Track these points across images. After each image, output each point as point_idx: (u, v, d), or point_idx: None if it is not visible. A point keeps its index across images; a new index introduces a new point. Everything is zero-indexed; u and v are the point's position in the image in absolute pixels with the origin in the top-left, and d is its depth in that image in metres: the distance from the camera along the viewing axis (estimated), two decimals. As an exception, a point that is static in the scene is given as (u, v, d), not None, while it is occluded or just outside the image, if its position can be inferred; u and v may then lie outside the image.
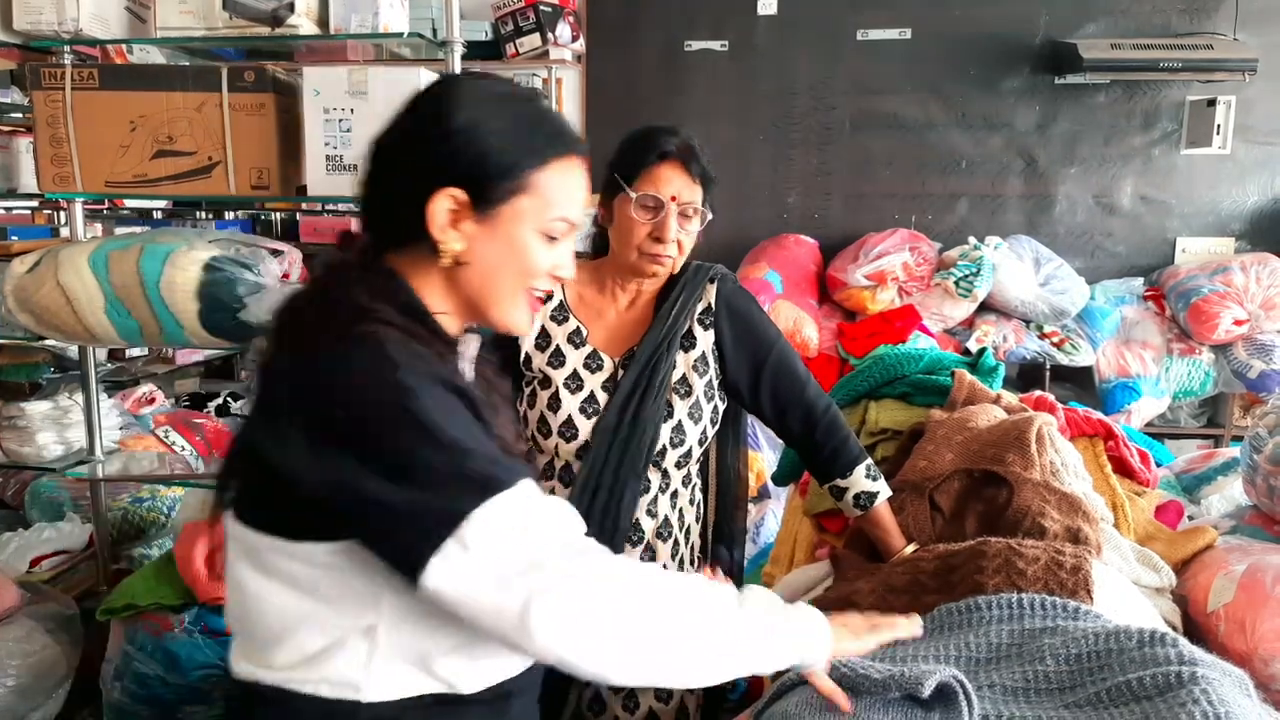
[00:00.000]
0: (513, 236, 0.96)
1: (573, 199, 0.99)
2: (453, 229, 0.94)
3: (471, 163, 0.94)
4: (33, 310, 2.18)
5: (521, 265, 0.97)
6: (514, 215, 0.95)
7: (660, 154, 1.49)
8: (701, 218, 1.53)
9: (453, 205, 0.93)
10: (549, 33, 3.88)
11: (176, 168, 2.17)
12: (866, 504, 1.51)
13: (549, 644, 0.83)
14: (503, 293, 0.98)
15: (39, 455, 2.56)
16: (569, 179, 0.99)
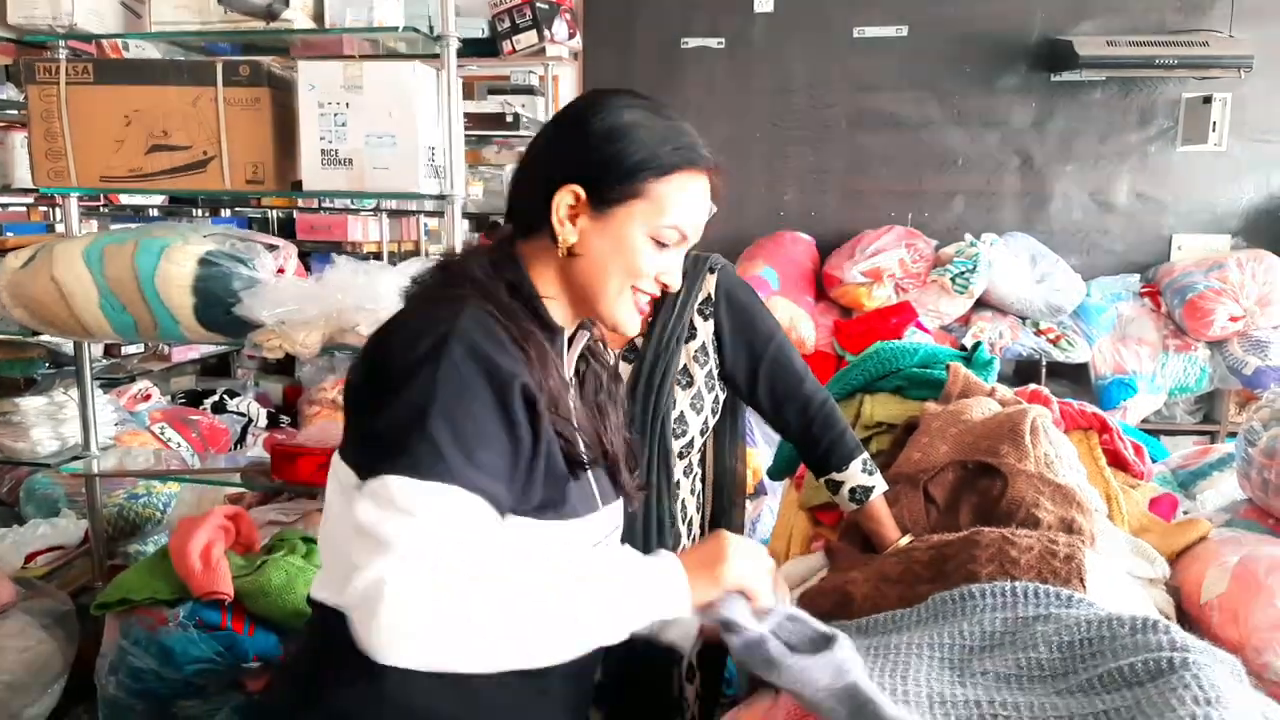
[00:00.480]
0: (622, 236, 1.03)
1: (688, 210, 1.06)
2: (570, 222, 1.04)
3: (596, 164, 1.03)
4: (27, 305, 2.18)
5: (627, 263, 1.04)
6: (628, 216, 1.03)
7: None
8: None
9: (572, 200, 1.03)
10: (545, 30, 3.87)
11: (171, 162, 2.17)
12: (862, 498, 1.51)
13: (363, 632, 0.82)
14: (609, 288, 1.05)
15: (33, 451, 2.56)
16: (688, 191, 1.06)
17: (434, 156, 2.13)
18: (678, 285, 1.10)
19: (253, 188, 2.16)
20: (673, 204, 1.05)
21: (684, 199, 1.06)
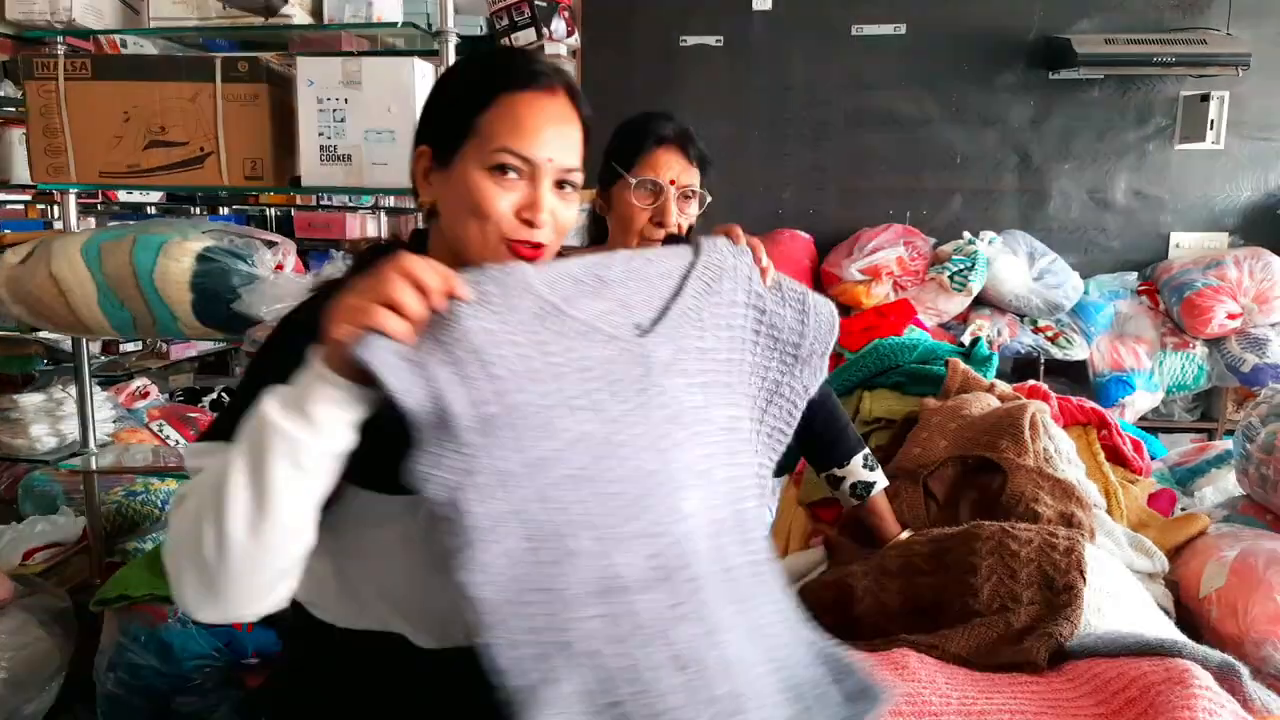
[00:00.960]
0: (461, 179, 0.96)
1: (515, 130, 0.96)
2: (425, 182, 1.01)
3: (433, 117, 1.01)
4: (25, 301, 2.18)
5: (472, 205, 0.95)
6: (463, 159, 0.97)
7: (657, 139, 1.52)
8: (700, 200, 1.54)
9: (426, 162, 1.00)
10: (544, 27, 3.86)
11: (170, 158, 2.17)
12: (863, 494, 1.51)
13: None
14: (469, 237, 0.97)
15: (32, 448, 2.56)
16: (515, 110, 0.96)
17: (433, 153, 2.13)
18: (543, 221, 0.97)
19: (251, 183, 2.16)
20: (498, 129, 0.95)
21: (510, 121, 0.96)
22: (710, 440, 0.98)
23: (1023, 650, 1.03)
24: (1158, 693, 0.89)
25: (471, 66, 1.03)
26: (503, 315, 0.86)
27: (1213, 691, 0.88)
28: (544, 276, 0.90)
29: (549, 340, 0.88)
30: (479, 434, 0.83)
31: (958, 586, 1.15)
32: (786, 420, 1.09)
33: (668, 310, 0.97)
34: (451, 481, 0.82)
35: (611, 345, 0.92)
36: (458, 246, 0.98)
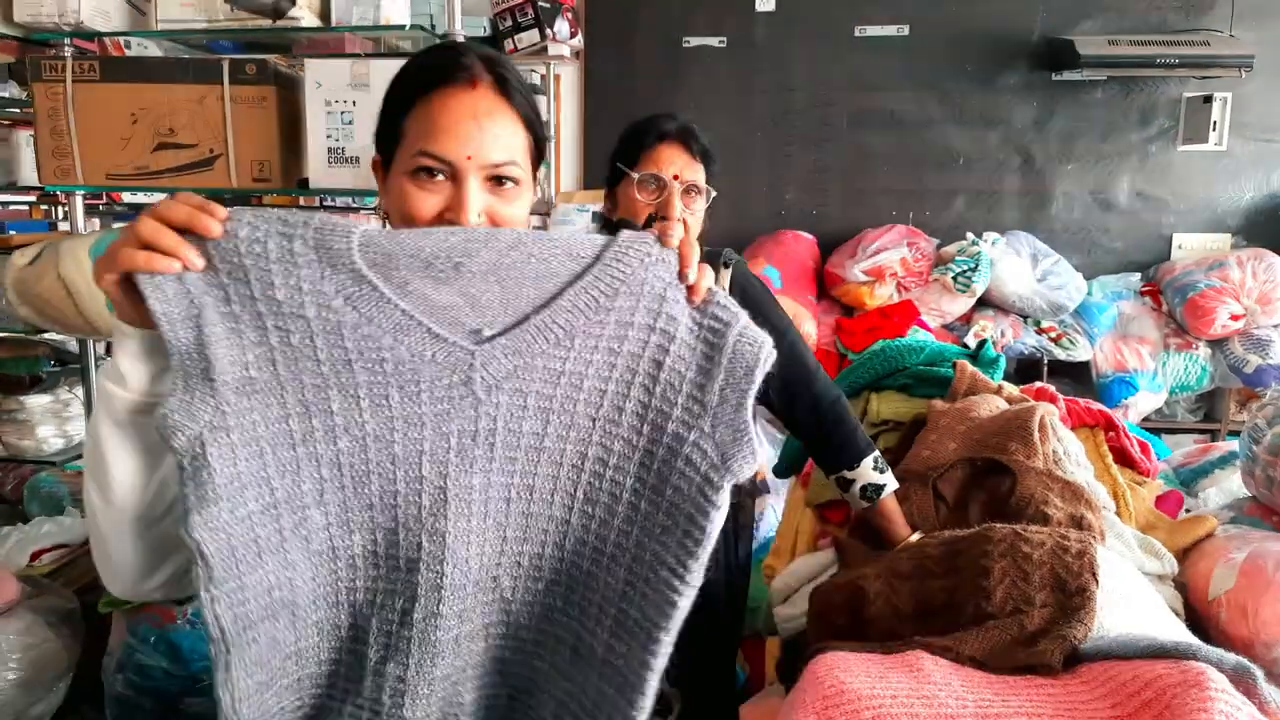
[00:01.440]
0: (393, 186, 0.97)
1: (433, 131, 0.93)
2: (381, 190, 1.02)
3: (378, 127, 1.01)
4: (33, 303, 2.18)
5: (401, 212, 0.96)
6: (395, 166, 0.97)
7: (659, 135, 1.54)
8: (706, 195, 1.55)
9: (378, 171, 1.02)
10: (548, 28, 3.88)
11: (178, 160, 2.17)
12: (874, 496, 1.51)
13: None
14: None
15: (39, 449, 2.56)
16: (431, 112, 0.94)
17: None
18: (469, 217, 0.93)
19: (259, 185, 2.16)
20: (416, 132, 0.94)
21: (427, 122, 0.93)
22: (532, 473, 0.89)
23: (1037, 653, 1.03)
24: (1174, 695, 0.89)
25: (403, 73, 1.00)
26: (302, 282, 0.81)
27: (1229, 694, 0.88)
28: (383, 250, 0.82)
29: (349, 323, 0.82)
30: (236, 393, 0.81)
31: (970, 589, 1.15)
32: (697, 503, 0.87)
33: (527, 319, 0.85)
34: (201, 435, 0.80)
35: (431, 344, 0.84)
36: None
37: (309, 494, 0.86)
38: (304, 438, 0.85)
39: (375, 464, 0.87)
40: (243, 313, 0.81)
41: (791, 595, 1.55)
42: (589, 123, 4.34)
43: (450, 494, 0.88)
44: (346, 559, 0.89)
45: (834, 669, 1.01)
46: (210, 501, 0.80)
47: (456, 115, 0.93)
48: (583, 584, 0.92)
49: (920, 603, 1.20)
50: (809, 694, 0.99)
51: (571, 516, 0.91)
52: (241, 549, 0.83)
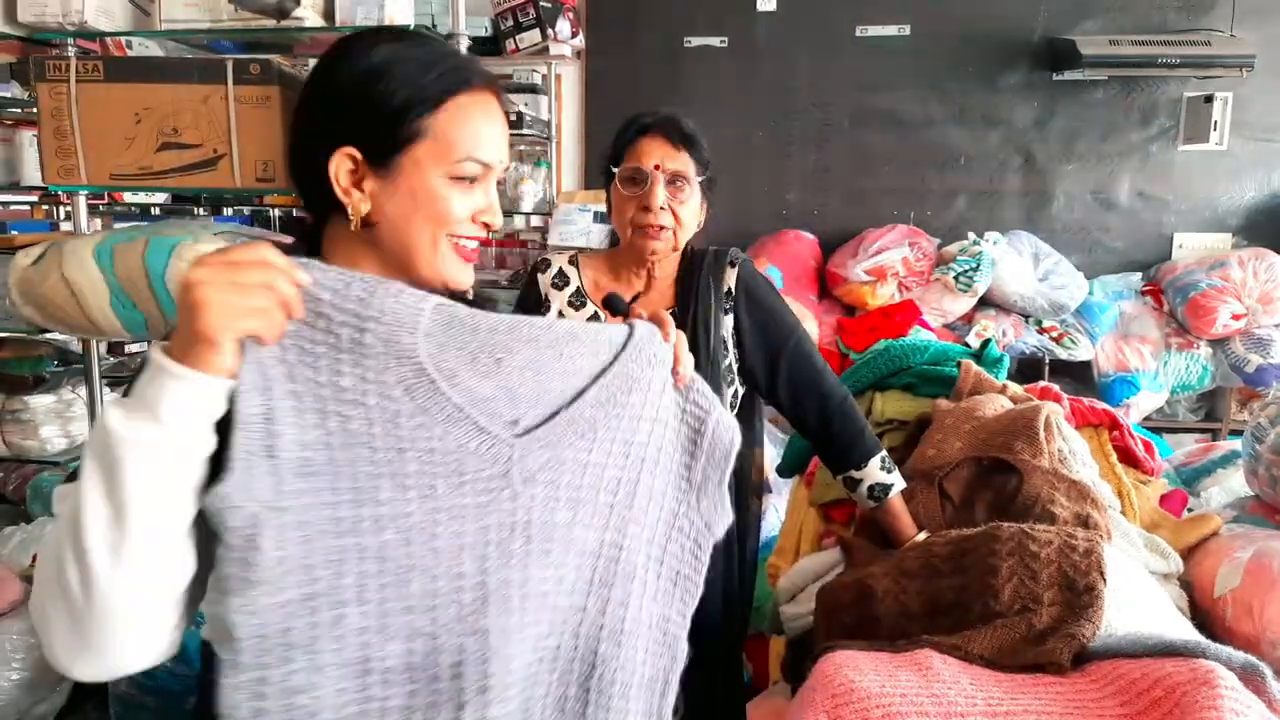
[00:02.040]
0: (417, 187, 0.92)
1: (479, 137, 0.93)
2: (356, 189, 0.92)
3: (360, 117, 0.91)
4: (37, 303, 2.18)
5: (431, 214, 0.92)
6: (414, 164, 0.91)
7: (639, 129, 1.52)
8: (702, 188, 1.53)
9: (351, 165, 0.91)
10: (549, 28, 3.88)
11: (181, 160, 2.17)
12: (881, 496, 1.51)
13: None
14: (420, 246, 0.93)
15: (42, 449, 2.56)
16: (471, 116, 0.93)
17: (443, 154, 2.13)
18: (499, 222, 0.98)
19: (263, 185, 2.16)
20: (459, 136, 0.92)
21: (469, 127, 0.93)
22: (563, 563, 0.92)
23: (1046, 651, 1.03)
24: (1183, 693, 0.89)
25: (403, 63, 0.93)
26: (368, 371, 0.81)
27: (1238, 692, 0.89)
28: (439, 342, 0.84)
29: (405, 412, 0.83)
30: (295, 475, 0.79)
31: (978, 588, 1.15)
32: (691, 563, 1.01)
33: (558, 413, 0.90)
34: (257, 515, 0.77)
35: (477, 437, 0.86)
36: (402, 257, 0.94)
37: (349, 589, 0.83)
38: (352, 527, 0.82)
39: (418, 558, 0.85)
40: (306, 393, 0.80)
41: (797, 594, 1.56)
42: (590, 123, 4.34)
43: (490, 589, 0.87)
44: (380, 673, 0.85)
45: (843, 667, 1.02)
46: (254, 584, 0.78)
47: (494, 121, 0.96)
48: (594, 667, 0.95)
49: (928, 601, 1.21)
50: (818, 692, 1.00)
51: (588, 602, 0.95)
52: (272, 638, 0.80)
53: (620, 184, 1.51)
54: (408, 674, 0.86)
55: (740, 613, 1.71)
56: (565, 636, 0.93)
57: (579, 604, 0.94)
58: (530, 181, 3.82)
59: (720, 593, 1.58)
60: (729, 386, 1.57)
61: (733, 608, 1.63)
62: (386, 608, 0.84)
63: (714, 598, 1.56)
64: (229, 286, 0.74)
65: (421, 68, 0.93)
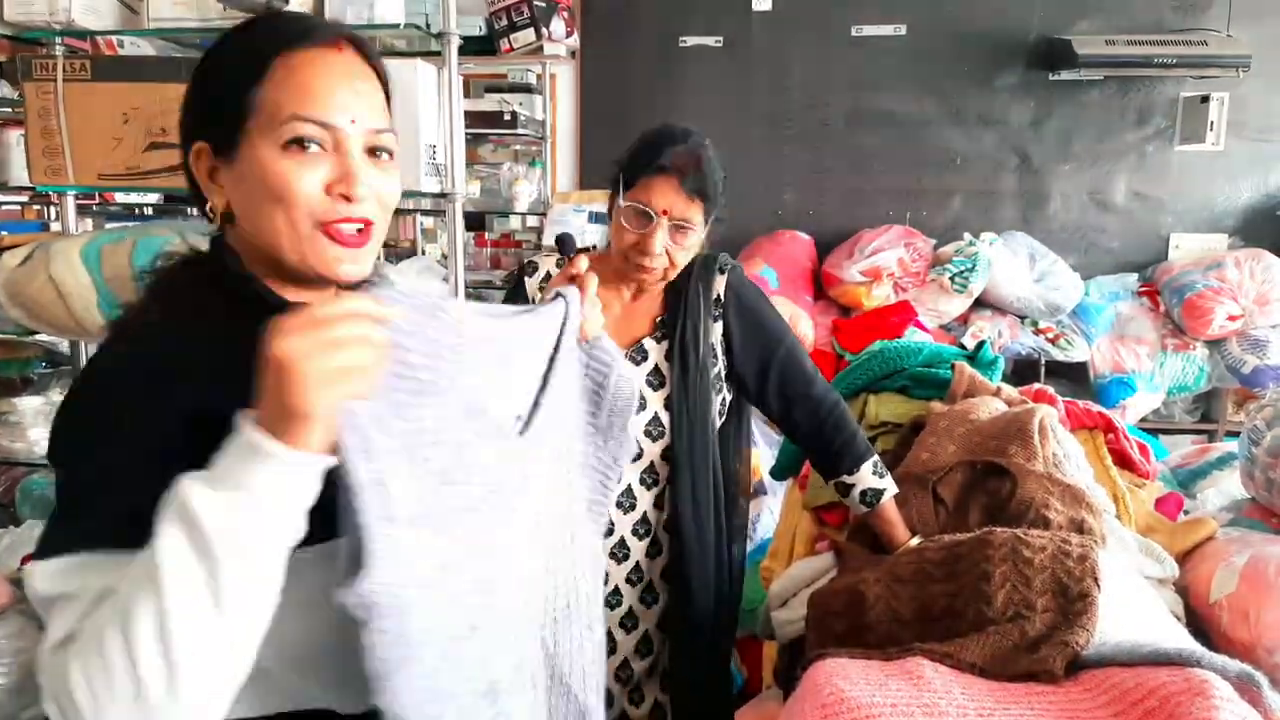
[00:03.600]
0: (253, 165, 0.82)
1: (309, 94, 0.82)
2: (214, 184, 0.86)
3: (200, 109, 0.86)
4: (24, 304, 2.16)
5: (274, 193, 0.81)
6: (248, 142, 0.82)
7: (659, 167, 1.44)
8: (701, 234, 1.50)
9: (207, 159, 0.86)
10: (543, 28, 3.86)
11: (169, 160, 2.14)
12: (873, 501, 1.50)
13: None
14: (278, 232, 0.82)
15: (30, 451, 2.53)
16: (297, 73, 0.82)
17: (434, 155, 2.12)
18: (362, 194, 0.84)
19: (252, 186, 2.14)
20: (284, 97, 0.81)
21: (295, 84, 0.81)
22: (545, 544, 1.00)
23: (1039, 659, 1.02)
24: (1177, 704, 0.88)
25: (233, 38, 0.87)
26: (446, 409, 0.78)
27: (1233, 703, 0.87)
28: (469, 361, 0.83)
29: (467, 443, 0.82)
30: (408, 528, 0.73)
31: (971, 594, 1.14)
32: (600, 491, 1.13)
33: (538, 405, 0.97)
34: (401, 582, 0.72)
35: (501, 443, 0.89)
36: (265, 247, 0.84)
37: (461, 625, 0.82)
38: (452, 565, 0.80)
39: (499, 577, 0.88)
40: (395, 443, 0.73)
41: (789, 599, 1.54)
42: (585, 123, 4.32)
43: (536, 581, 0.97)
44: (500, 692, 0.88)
45: (833, 676, 1.00)
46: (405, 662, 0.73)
47: (334, 76, 0.83)
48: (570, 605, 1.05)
49: (920, 607, 1.19)
50: (808, 702, 0.98)
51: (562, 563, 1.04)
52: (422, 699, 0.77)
53: (625, 216, 1.46)
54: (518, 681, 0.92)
55: (728, 615, 1.70)
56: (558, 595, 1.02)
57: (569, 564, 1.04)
58: (525, 181, 3.80)
59: (709, 595, 1.57)
60: (718, 394, 1.55)
61: (721, 610, 1.62)
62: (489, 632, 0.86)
63: (702, 600, 1.55)
64: (321, 349, 0.66)
65: (250, 39, 0.85)
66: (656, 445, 1.52)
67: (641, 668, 1.59)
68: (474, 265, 3.97)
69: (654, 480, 1.56)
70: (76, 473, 0.76)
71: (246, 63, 0.83)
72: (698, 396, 1.50)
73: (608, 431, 1.10)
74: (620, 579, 1.57)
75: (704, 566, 1.54)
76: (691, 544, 1.51)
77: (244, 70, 0.82)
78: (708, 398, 1.52)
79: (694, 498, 1.51)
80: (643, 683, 1.59)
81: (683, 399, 1.49)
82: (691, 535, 1.51)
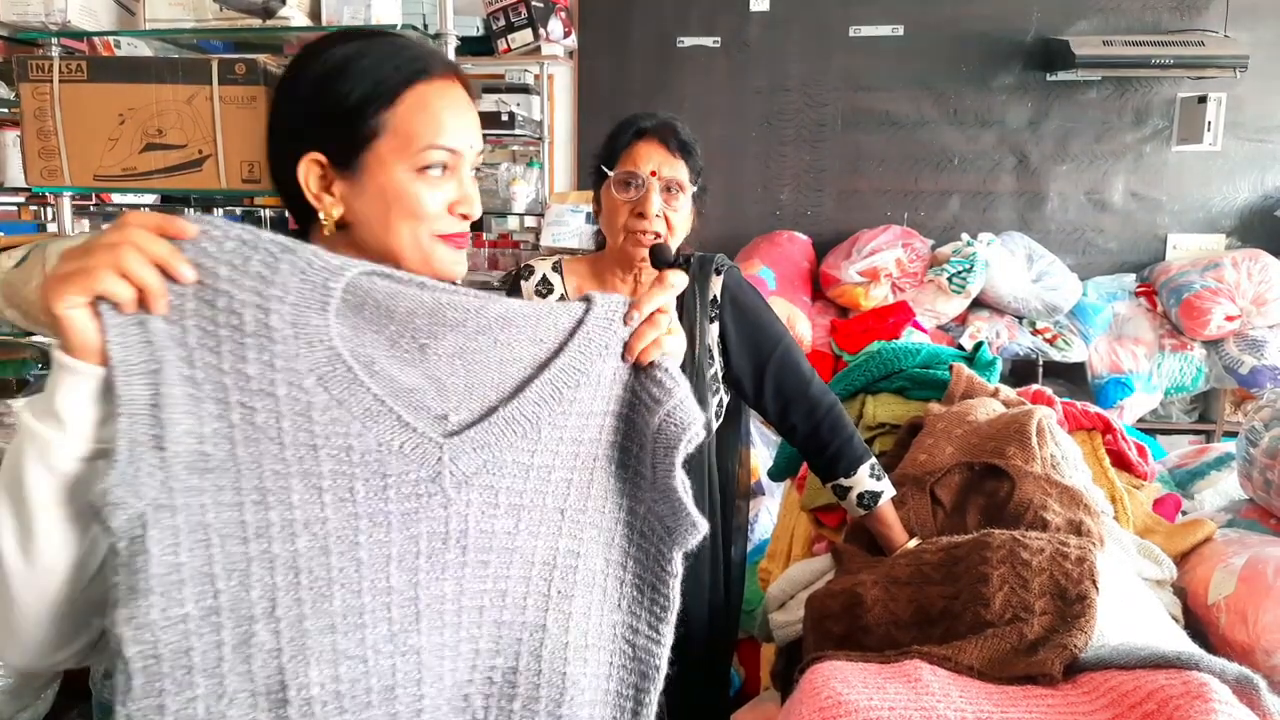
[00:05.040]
0: (384, 186, 0.90)
1: (440, 124, 0.91)
2: (327, 194, 0.91)
3: (322, 120, 0.90)
4: (20, 305, 2.16)
5: (403, 211, 0.90)
6: (379, 162, 0.90)
7: (636, 132, 1.50)
8: (692, 197, 1.52)
9: (319, 170, 0.91)
10: (541, 28, 3.86)
11: (166, 161, 2.14)
12: (870, 503, 1.49)
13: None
14: (402, 245, 0.91)
15: (26, 453, 2.53)
16: (430, 104, 0.91)
17: (432, 155, 2.11)
18: (478, 212, 0.94)
19: (249, 186, 2.14)
20: (420, 126, 0.90)
21: (429, 115, 0.91)
22: (504, 575, 0.83)
23: (1037, 662, 1.02)
24: (1176, 707, 0.88)
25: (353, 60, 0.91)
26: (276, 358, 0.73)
27: (1232, 706, 0.87)
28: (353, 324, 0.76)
29: (319, 405, 0.74)
30: (187, 470, 0.71)
31: (969, 596, 1.14)
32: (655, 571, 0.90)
33: (495, 411, 0.81)
34: (144, 515, 0.70)
35: (400, 433, 0.77)
36: (385, 254, 0.91)
37: (258, 604, 0.74)
38: (258, 532, 0.74)
39: (338, 570, 0.76)
40: (205, 380, 0.72)
41: (787, 601, 1.54)
42: (582, 123, 4.32)
43: (422, 604, 0.79)
44: (300, 702, 0.75)
45: (830, 679, 1.00)
46: (142, 594, 0.70)
47: (457, 106, 0.93)
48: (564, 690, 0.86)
49: (918, 610, 1.19)
50: (805, 704, 0.98)
51: (547, 619, 0.86)
52: (170, 660, 0.71)
53: (614, 187, 1.49)
54: (335, 702, 0.76)
55: (726, 619, 1.69)
56: (524, 658, 0.84)
57: (534, 621, 0.85)
58: (522, 182, 3.80)
59: (706, 598, 1.56)
60: (714, 395, 1.55)
61: (718, 613, 1.61)
62: (305, 626, 0.75)
63: (699, 603, 1.54)
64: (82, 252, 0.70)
65: (376, 63, 0.91)
66: None
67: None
68: (472, 265, 3.96)
69: None
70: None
71: (377, 88, 0.90)
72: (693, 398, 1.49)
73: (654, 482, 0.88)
74: None
75: (701, 568, 1.53)
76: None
77: (375, 94, 0.90)
78: (704, 399, 1.52)
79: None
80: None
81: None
82: None
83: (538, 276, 1.61)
